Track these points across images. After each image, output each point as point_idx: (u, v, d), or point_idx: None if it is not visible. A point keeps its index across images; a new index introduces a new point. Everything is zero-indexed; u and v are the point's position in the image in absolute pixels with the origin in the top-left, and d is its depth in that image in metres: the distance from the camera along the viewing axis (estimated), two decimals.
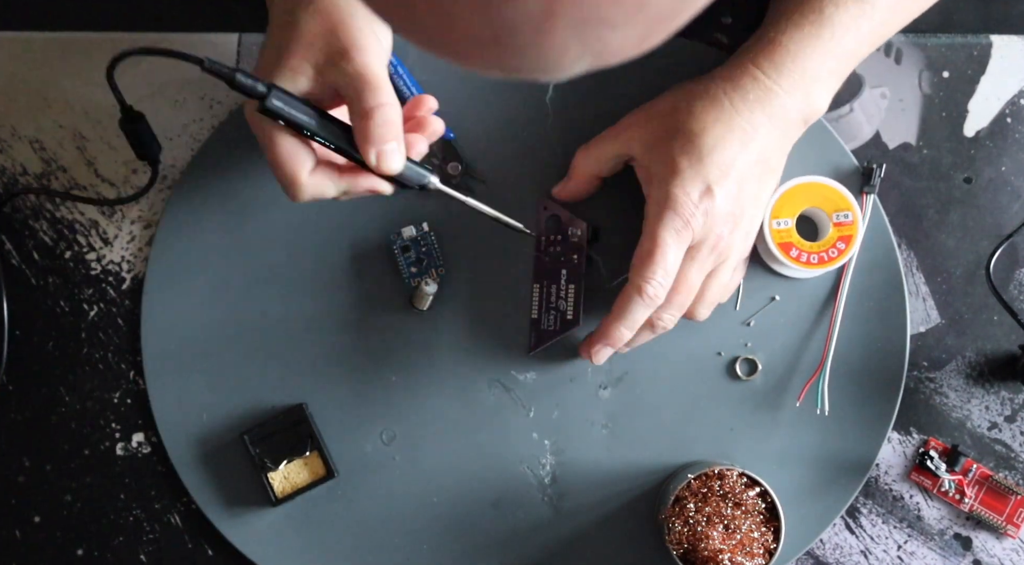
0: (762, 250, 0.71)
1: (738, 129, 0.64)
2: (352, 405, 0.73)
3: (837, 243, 0.70)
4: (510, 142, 0.73)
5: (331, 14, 0.60)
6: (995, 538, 0.73)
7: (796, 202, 0.69)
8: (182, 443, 0.73)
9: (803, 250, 0.70)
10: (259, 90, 0.58)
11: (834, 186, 0.70)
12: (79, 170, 0.74)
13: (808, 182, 0.69)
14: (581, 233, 0.71)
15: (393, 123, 0.59)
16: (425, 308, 0.72)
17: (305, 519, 0.73)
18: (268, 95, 0.58)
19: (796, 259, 0.70)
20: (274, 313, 0.73)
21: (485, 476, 0.73)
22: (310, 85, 0.60)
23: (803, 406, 0.72)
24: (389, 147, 0.59)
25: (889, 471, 0.73)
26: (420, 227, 0.72)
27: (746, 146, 0.64)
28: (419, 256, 0.72)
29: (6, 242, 0.74)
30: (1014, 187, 0.73)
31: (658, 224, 0.63)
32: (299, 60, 0.59)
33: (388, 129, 0.59)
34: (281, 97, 0.58)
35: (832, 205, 0.70)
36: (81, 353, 0.74)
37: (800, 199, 0.69)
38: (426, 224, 0.72)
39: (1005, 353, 0.73)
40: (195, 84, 0.74)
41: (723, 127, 0.64)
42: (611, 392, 0.73)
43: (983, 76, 0.73)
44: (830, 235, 0.70)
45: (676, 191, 0.63)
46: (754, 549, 0.66)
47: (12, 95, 0.74)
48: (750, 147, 0.64)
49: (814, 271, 0.70)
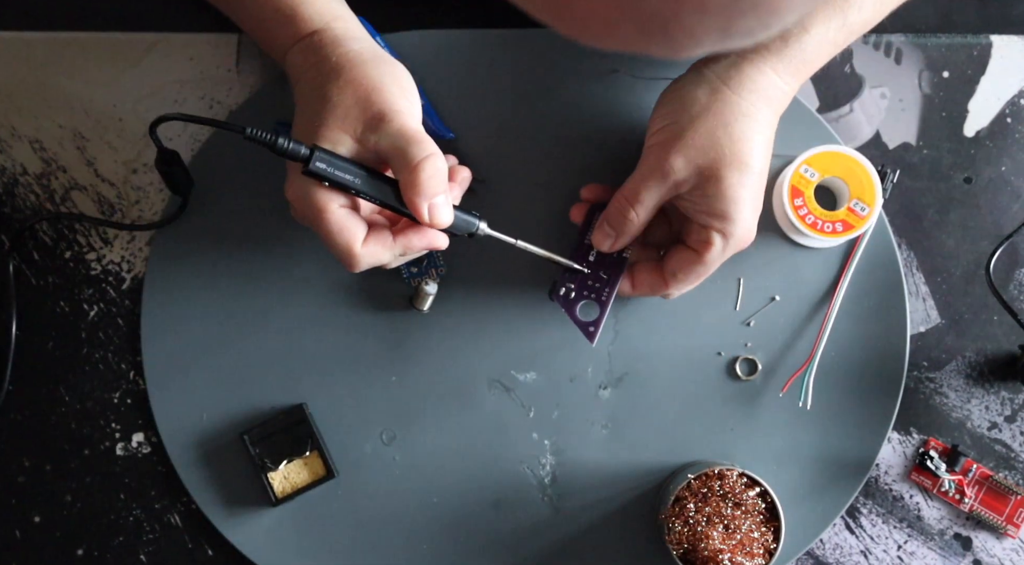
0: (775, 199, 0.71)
1: (767, 135, 0.64)
2: (352, 405, 0.73)
3: (838, 224, 0.69)
4: (510, 142, 0.73)
5: (361, 84, 0.60)
6: (995, 538, 0.73)
7: (826, 165, 0.69)
8: (182, 443, 0.73)
9: (809, 211, 0.69)
10: (303, 152, 0.58)
11: (872, 176, 0.69)
12: (79, 170, 0.74)
13: (842, 153, 0.69)
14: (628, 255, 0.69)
15: (441, 173, 0.59)
16: (425, 308, 0.72)
17: (305, 519, 0.73)
18: (312, 157, 0.57)
19: (801, 218, 0.69)
20: (274, 313, 0.73)
21: (485, 476, 0.73)
22: (350, 155, 0.60)
23: (807, 406, 0.72)
24: (439, 199, 0.59)
25: (889, 471, 0.73)
26: None
27: (770, 146, 0.64)
28: (419, 256, 0.72)
29: (6, 242, 0.74)
30: (1014, 187, 0.73)
31: (721, 255, 0.64)
32: (336, 132, 0.59)
33: (438, 180, 0.59)
34: (325, 157, 0.58)
35: (858, 188, 0.69)
36: (81, 353, 0.74)
37: (829, 165, 0.69)
38: None
39: (1005, 353, 0.73)
40: (195, 84, 0.74)
41: (762, 140, 0.63)
42: (611, 392, 0.73)
43: (983, 76, 0.73)
44: (839, 214, 0.69)
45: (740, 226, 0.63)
46: (754, 549, 0.66)
47: (12, 95, 0.74)
48: (770, 145, 0.65)
49: (810, 236, 0.70)
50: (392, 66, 0.63)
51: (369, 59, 0.62)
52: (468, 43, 0.73)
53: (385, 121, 0.59)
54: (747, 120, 0.62)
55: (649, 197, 0.64)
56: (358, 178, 0.59)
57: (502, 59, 0.73)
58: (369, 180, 0.60)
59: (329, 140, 0.59)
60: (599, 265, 0.69)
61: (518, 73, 0.73)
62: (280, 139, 0.57)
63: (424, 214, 0.59)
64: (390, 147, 0.59)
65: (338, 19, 0.65)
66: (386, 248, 0.61)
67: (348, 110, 0.60)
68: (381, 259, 0.62)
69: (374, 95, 0.60)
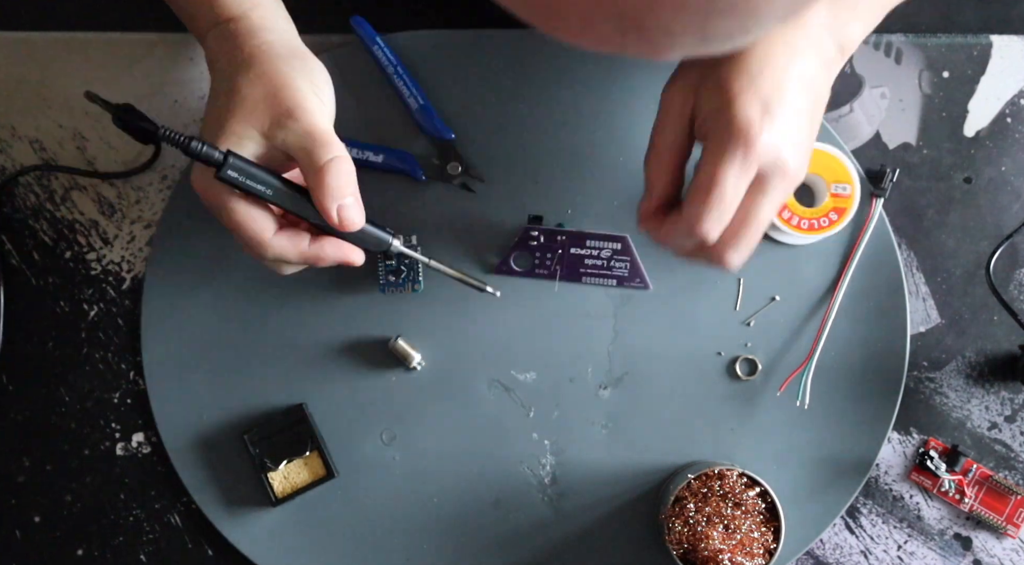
0: None
1: (780, 45, 0.58)
2: (352, 405, 0.73)
3: (830, 213, 0.69)
4: (510, 142, 0.73)
5: (272, 78, 0.60)
6: (995, 538, 0.73)
7: None
8: (182, 443, 0.73)
9: (795, 213, 0.69)
10: (215, 157, 0.57)
11: (837, 155, 0.69)
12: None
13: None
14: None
15: (350, 176, 0.59)
16: (414, 364, 0.72)
17: (305, 519, 0.73)
18: (224, 163, 0.57)
19: (787, 221, 0.69)
20: (274, 313, 0.73)
21: (485, 476, 0.73)
22: (257, 149, 0.59)
23: (808, 405, 0.72)
24: (348, 201, 0.59)
25: (889, 471, 0.73)
26: (409, 239, 0.72)
27: (792, 60, 0.58)
28: (400, 266, 0.72)
29: (6, 242, 0.74)
30: (1014, 187, 0.73)
31: (719, 157, 0.55)
32: (244, 125, 0.59)
33: (346, 182, 0.58)
34: (237, 165, 0.57)
35: (832, 174, 0.69)
36: (81, 353, 0.74)
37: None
38: (415, 237, 0.72)
39: (1005, 353, 0.73)
40: (195, 84, 0.74)
41: (765, 44, 0.57)
42: (611, 392, 0.73)
43: (983, 76, 0.73)
44: (825, 204, 0.69)
45: (735, 116, 0.55)
46: (754, 549, 0.66)
47: (12, 95, 0.74)
48: (795, 62, 0.58)
49: (803, 237, 0.70)
50: (305, 61, 0.62)
51: (283, 53, 0.61)
52: (468, 43, 0.73)
53: (293, 118, 0.59)
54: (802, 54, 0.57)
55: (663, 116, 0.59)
56: (269, 188, 0.58)
57: (502, 59, 0.73)
58: (281, 191, 0.59)
59: (236, 133, 0.59)
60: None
61: (518, 73, 0.73)
62: (193, 142, 0.56)
63: (333, 215, 0.59)
64: (296, 146, 0.59)
65: (257, 7, 0.64)
66: (296, 248, 0.60)
67: (256, 104, 0.59)
68: (288, 255, 0.61)
69: (283, 91, 0.59)
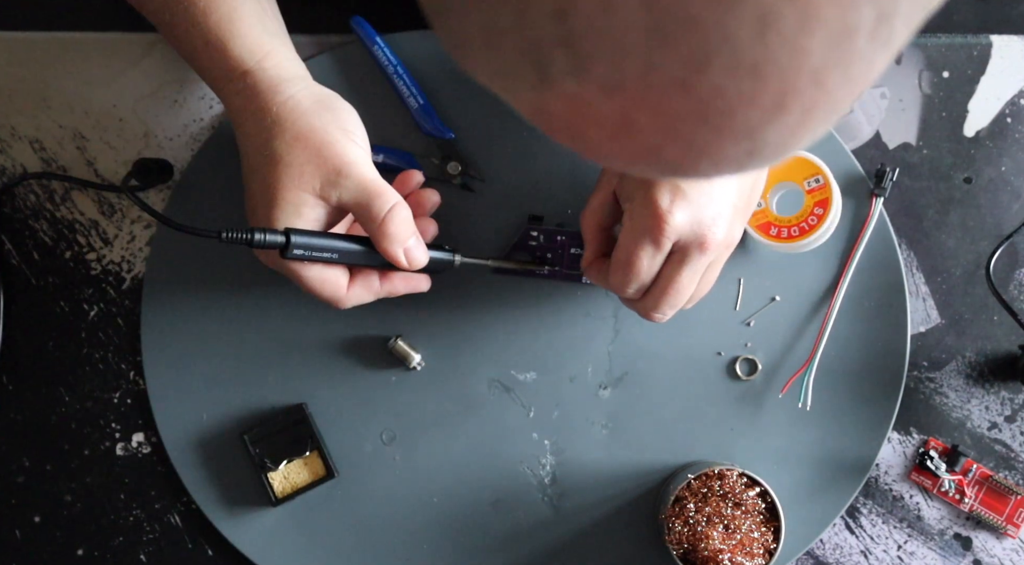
0: (745, 238, 0.70)
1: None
2: (352, 405, 0.73)
3: (814, 210, 0.69)
4: (510, 142, 0.73)
5: (309, 138, 0.60)
6: (995, 538, 0.73)
7: (767, 181, 0.68)
8: (182, 443, 0.73)
9: (781, 226, 0.69)
10: (279, 242, 0.58)
11: (800, 154, 0.68)
12: (79, 170, 0.74)
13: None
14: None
15: (408, 220, 0.61)
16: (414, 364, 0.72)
17: (305, 519, 0.73)
18: (288, 244, 0.58)
19: (777, 237, 0.69)
20: (274, 313, 0.73)
21: (485, 476, 0.73)
22: (315, 212, 0.61)
23: (810, 406, 0.72)
24: (411, 242, 0.62)
25: (889, 471, 0.73)
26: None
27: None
28: None
29: (6, 242, 0.74)
30: (1014, 187, 0.73)
31: (632, 236, 0.60)
32: (296, 192, 0.60)
33: (406, 227, 0.61)
34: (300, 243, 0.59)
35: (801, 174, 0.69)
36: (81, 353, 0.74)
37: (769, 178, 0.69)
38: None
39: (1005, 353, 0.73)
40: (195, 84, 0.74)
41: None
42: (611, 392, 0.73)
43: (983, 76, 0.73)
44: (806, 204, 0.69)
45: (647, 198, 0.59)
46: (754, 549, 0.66)
47: (12, 95, 0.74)
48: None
49: (799, 244, 0.69)
50: (333, 110, 0.63)
51: (310, 107, 0.62)
52: None
53: (343, 176, 0.60)
54: None
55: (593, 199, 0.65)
56: (335, 253, 0.61)
57: None
58: (345, 251, 0.61)
59: (291, 202, 0.60)
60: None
61: None
62: (256, 234, 0.58)
63: (401, 260, 0.61)
64: (353, 202, 0.61)
65: (268, 56, 0.63)
66: (370, 292, 0.65)
67: (303, 168, 0.60)
68: (365, 300, 0.65)
69: (325, 150, 0.60)
